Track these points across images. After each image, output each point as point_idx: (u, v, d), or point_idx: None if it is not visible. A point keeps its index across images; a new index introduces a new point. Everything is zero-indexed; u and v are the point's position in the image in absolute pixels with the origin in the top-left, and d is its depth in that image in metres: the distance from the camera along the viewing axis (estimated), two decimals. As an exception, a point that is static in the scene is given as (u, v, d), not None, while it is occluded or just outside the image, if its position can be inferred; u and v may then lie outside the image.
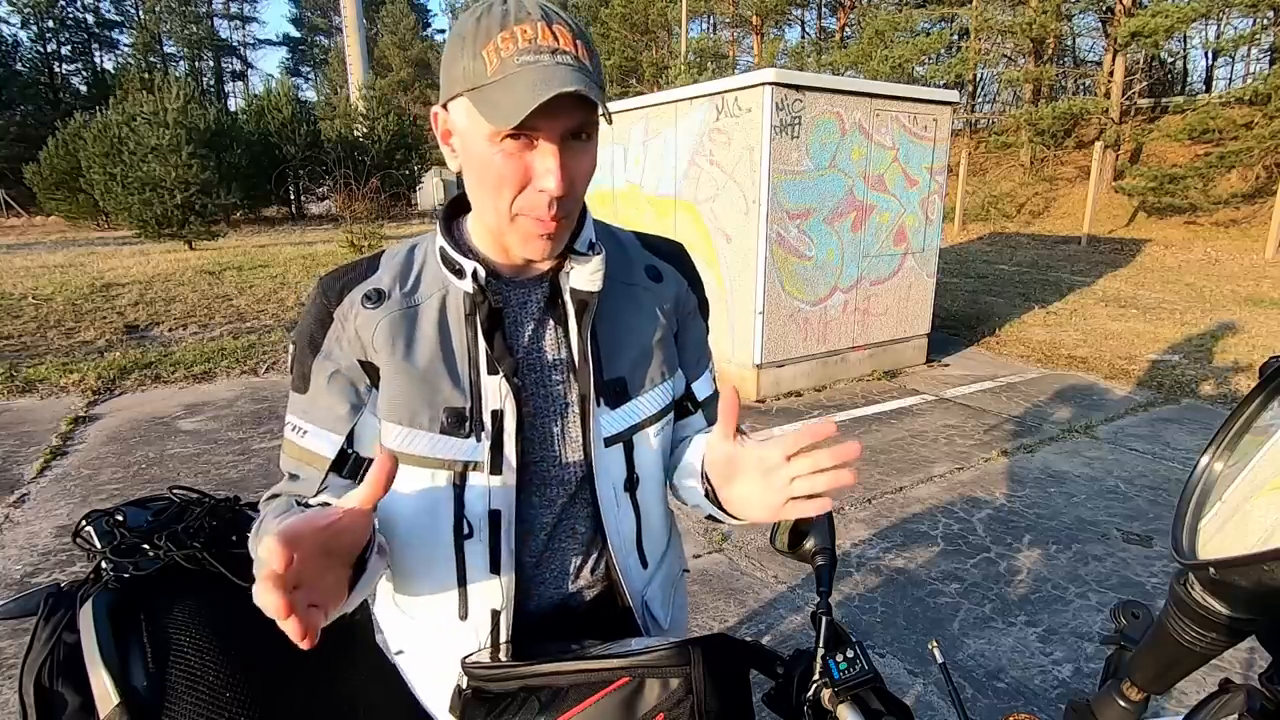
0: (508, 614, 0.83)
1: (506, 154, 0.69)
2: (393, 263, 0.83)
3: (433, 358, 0.79)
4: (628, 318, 0.87)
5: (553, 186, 0.69)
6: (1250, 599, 0.50)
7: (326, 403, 0.80)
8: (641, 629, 0.90)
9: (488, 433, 0.79)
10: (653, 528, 0.92)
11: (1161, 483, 3.67)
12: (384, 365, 0.79)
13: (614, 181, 6.23)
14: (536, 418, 0.83)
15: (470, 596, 0.83)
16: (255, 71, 55.63)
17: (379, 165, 19.74)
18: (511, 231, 0.75)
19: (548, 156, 0.69)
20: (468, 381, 0.79)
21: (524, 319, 0.83)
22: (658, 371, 0.88)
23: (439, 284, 0.81)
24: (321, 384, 0.80)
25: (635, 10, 28.03)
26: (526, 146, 0.69)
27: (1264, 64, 21.51)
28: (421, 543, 0.82)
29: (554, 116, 0.67)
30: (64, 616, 0.88)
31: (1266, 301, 8.24)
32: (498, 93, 0.66)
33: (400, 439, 0.78)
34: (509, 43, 0.66)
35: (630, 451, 0.86)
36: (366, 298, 0.80)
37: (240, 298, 8.40)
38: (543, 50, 0.66)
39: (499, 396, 0.79)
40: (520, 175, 0.70)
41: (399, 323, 0.79)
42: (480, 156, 0.71)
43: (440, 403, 0.78)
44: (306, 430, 0.81)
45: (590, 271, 0.80)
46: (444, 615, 0.85)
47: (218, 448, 4.12)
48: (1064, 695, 2.17)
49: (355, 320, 0.79)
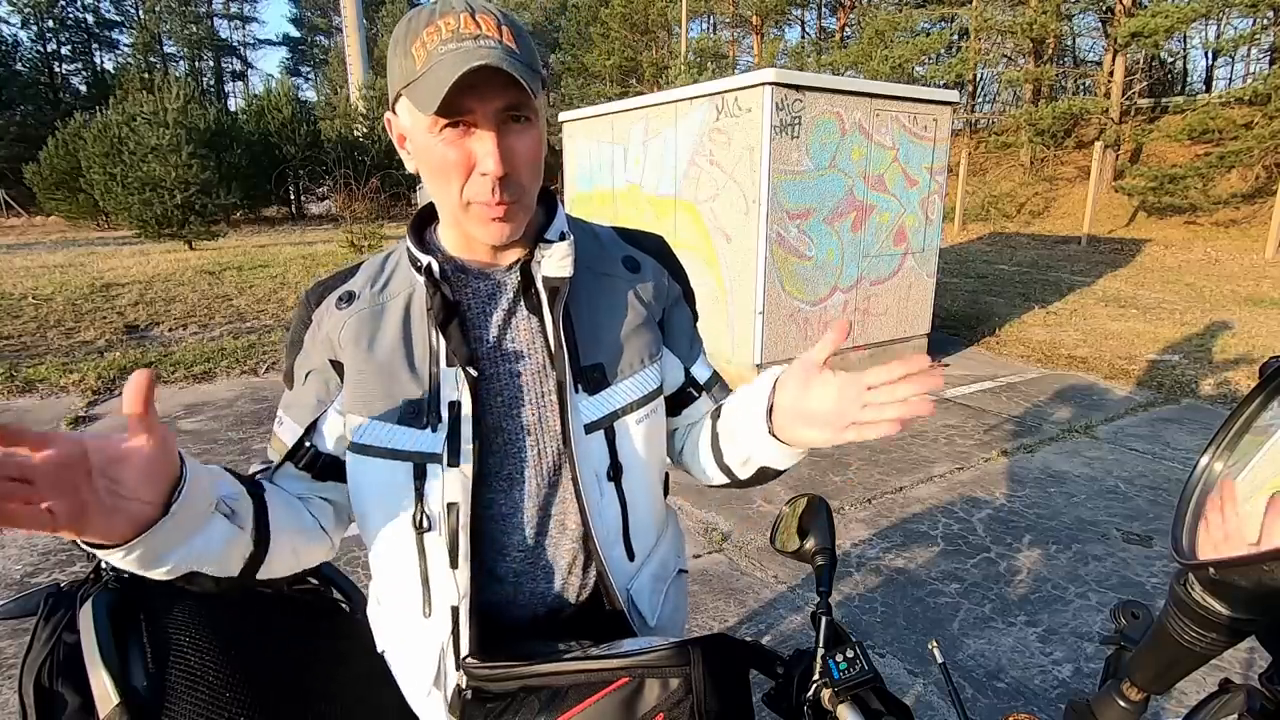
0: (465, 610, 0.82)
1: (447, 143, 0.72)
2: (369, 268, 0.88)
3: (393, 351, 0.81)
4: (604, 305, 0.87)
5: (491, 167, 0.72)
6: (1250, 599, 0.50)
7: (302, 398, 0.85)
8: (629, 625, 0.89)
9: (444, 424, 0.79)
10: (641, 519, 0.91)
11: (1161, 483, 3.67)
12: (348, 362, 0.82)
13: (614, 181, 6.23)
14: (510, 408, 0.83)
15: (432, 592, 0.83)
16: (255, 71, 55.71)
17: (379, 165, 19.75)
18: (467, 220, 0.78)
19: (485, 139, 0.72)
20: (426, 374, 0.81)
21: (491, 310, 0.84)
22: (638, 358, 0.88)
23: (408, 283, 0.85)
24: (301, 381, 0.85)
25: (635, 10, 28.01)
26: (465, 133, 0.72)
27: (1264, 64, 21.52)
28: (387, 535, 0.84)
29: (484, 98, 0.70)
30: (64, 616, 0.88)
31: (1266, 301, 8.24)
32: (425, 82, 0.69)
33: (361, 431, 0.81)
34: (434, 35, 0.70)
35: (612, 438, 0.86)
36: (340, 299, 0.85)
37: (240, 298, 8.40)
38: (464, 37, 0.69)
39: (456, 388, 0.79)
40: (463, 162, 0.73)
41: (365, 321, 0.83)
42: (425, 150, 0.74)
43: (398, 394, 0.80)
44: (284, 422, 0.86)
45: (559, 257, 0.82)
46: (411, 611, 0.85)
47: (218, 448, 4.12)
48: (1064, 695, 2.17)
49: (328, 321, 0.84)
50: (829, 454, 4.05)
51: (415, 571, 0.83)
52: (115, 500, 0.56)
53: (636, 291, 0.90)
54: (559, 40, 33.23)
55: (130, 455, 0.57)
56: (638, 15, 28.16)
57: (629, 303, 0.89)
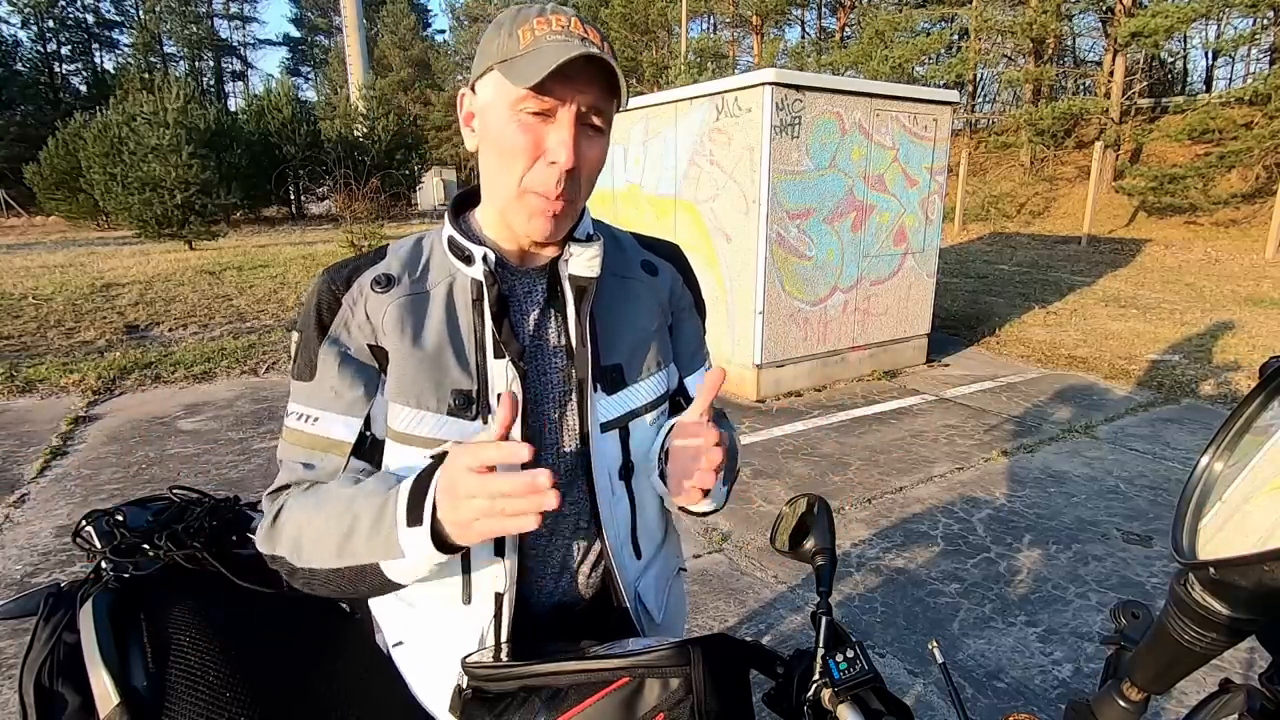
0: (510, 597, 0.82)
1: (523, 125, 0.73)
2: (400, 252, 0.86)
3: (440, 341, 0.80)
4: (624, 308, 0.89)
5: (564, 158, 0.73)
6: (1250, 599, 0.50)
7: (338, 387, 0.80)
8: (635, 623, 0.90)
9: (494, 415, 0.79)
10: (648, 519, 0.92)
11: (1161, 483, 3.67)
12: (393, 349, 0.80)
13: (614, 181, 6.23)
14: (536, 404, 0.84)
15: (474, 580, 0.83)
16: (255, 71, 55.72)
17: (379, 165, 19.74)
18: (519, 208, 0.78)
19: (563, 129, 0.73)
20: (474, 365, 0.81)
21: (528, 306, 0.85)
22: (653, 361, 0.90)
23: (446, 271, 0.84)
24: (331, 369, 0.81)
25: (635, 10, 28.01)
26: (544, 120, 0.74)
27: (1264, 64, 21.51)
28: None
29: (573, 88, 0.72)
30: (64, 616, 0.88)
31: (1266, 301, 8.24)
32: (525, 60, 0.72)
33: (407, 420, 0.79)
34: (544, 25, 0.73)
35: (626, 438, 0.87)
36: (376, 282, 0.82)
37: (240, 298, 8.40)
38: (573, 34, 0.72)
39: (505, 380, 0.80)
40: (533, 147, 0.74)
41: (408, 307, 0.81)
42: (498, 127, 0.75)
43: (448, 385, 0.80)
44: (317, 417, 0.81)
45: (589, 258, 0.83)
46: (447, 601, 0.85)
47: (218, 448, 4.12)
48: (1064, 695, 2.17)
49: (366, 304, 0.81)
50: (829, 454, 4.05)
51: (456, 560, 0.82)
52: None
53: (654, 296, 0.92)
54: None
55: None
56: (638, 15, 28.16)
57: (647, 306, 0.91)
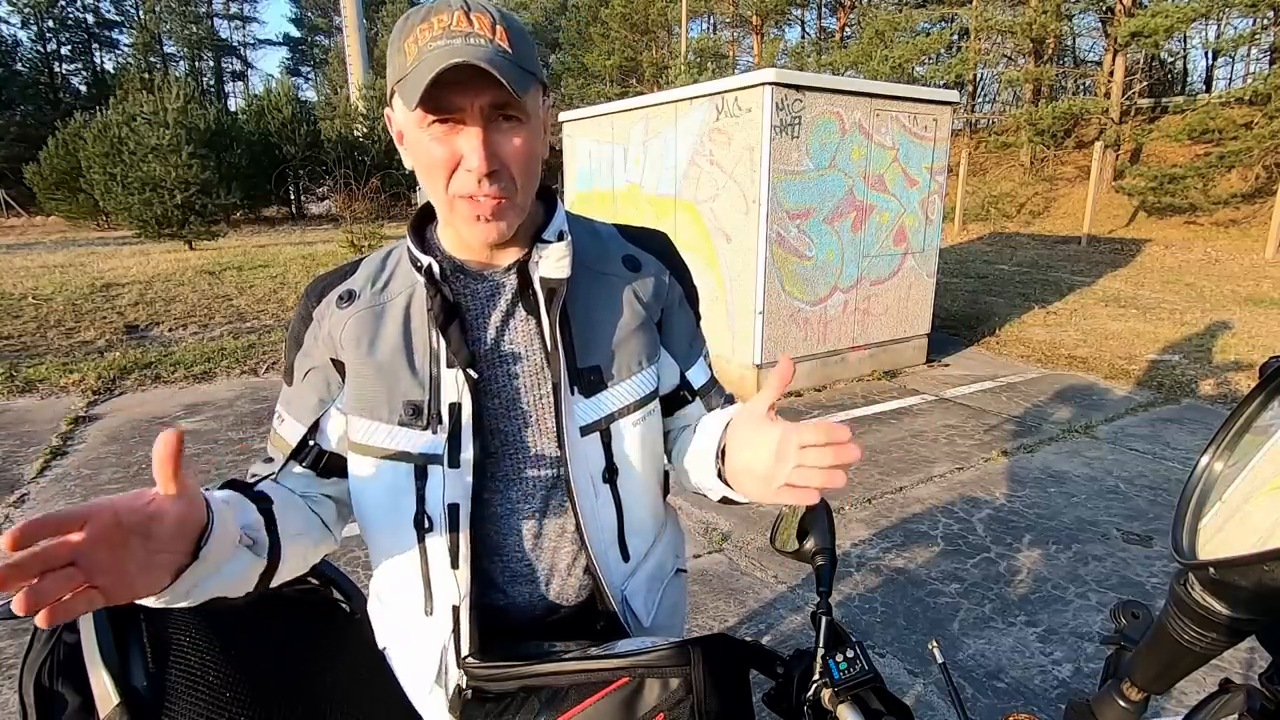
0: (465, 610, 0.82)
1: (434, 139, 0.73)
2: (369, 266, 0.87)
3: (394, 352, 0.81)
4: (601, 306, 0.86)
5: (475, 163, 0.72)
6: (1250, 599, 0.50)
7: (302, 395, 0.85)
8: (623, 626, 0.89)
9: (445, 426, 0.80)
10: (637, 520, 0.91)
11: (1161, 483, 3.67)
12: (349, 361, 0.82)
13: (614, 181, 6.23)
14: (508, 409, 0.83)
15: (434, 592, 0.83)
16: (255, 71, 55.69)
17: (379, 165, 19.75)
18: (455, 218, 0.77)
19: (471, 136, 0.72)
20: (427, 375, 0.81)
21: (490, 311, 0.84)
22: (635, 360, 0.87)
23: (408, 283, 0.84)
24: (300, 378, 0.85)
25: (635, 10, 28.00)
26: (452, 130, 0.72)
27: (1264, 64, 21.51)
28: (388, 535, 0.84)
29: (470, 94, 0.70)
30: (64, 616, 0.88)
31: (1266, 301, 8.23)
32: (413, 78, 0.69)
33: (364, 431, 0.81)
34: (426, 32, 0.70)
35: (608, 441, 0.86)
36: (340, 298, 0.84)
37: (240, 298, 8.40)
38: (455, 34, 0.69)
39: (456, 389, 0.80)
40: (449, 157, 0.73)
41: (366, 320, 0.82)
42: (415, 145, 0.74)
43: (399, 395, 0.80)
44: (285, 419, 0.86)
45: (556, 258, 0.82)
46: (413, 610, 0.86)
47: (218, 448, 4.12)
48: (1064, 695, 2.17)
49: (329, 320, 0.84)
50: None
51: (417, 571, 0.83)
52: (150, 557, 0.57)
53: (635, 291, 0.88)
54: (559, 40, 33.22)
55: (161, 512, 0.57)
56: (638, 15, 28.15)
57: (628, 303, 0.88)
